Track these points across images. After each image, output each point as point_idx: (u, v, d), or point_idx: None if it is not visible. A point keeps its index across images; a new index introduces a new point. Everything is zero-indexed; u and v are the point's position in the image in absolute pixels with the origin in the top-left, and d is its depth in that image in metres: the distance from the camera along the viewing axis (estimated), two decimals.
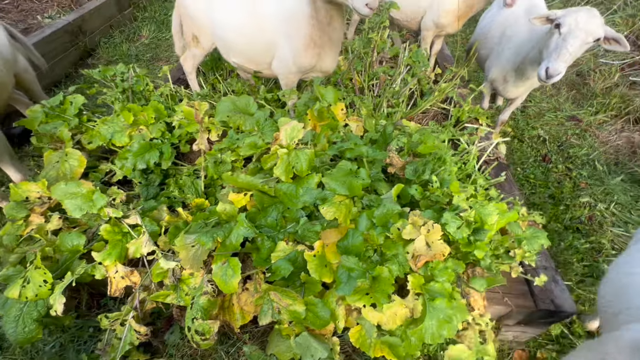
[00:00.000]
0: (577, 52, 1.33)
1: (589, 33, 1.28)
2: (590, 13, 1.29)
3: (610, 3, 3.26)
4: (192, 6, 1.47)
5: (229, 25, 1.41)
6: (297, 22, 1.28)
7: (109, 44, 2.97)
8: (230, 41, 1.46)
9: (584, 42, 1.30)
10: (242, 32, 1.40)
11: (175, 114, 1.44)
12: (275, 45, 1.39)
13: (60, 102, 1.28)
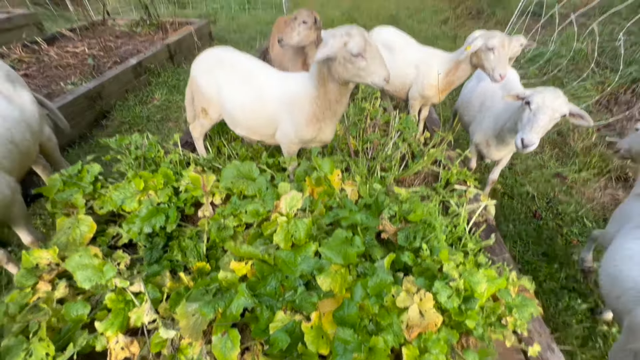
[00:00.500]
0: (547, 126, 1.49)
1: (555, 110, 1.45)
2: (555, 93, 1.48)
3: (581, 71, 3.62)
4: (204, 84, 1.66)
5: (235, 103, 1.58)
6: (300, 104, 1.44)
7: (123, 106, 3.22)
8: (237, 117, 1.63)
9: (552, 118, 1.46)
10: (248, 110, 1.57)
11: (183, 178, 1.55)
12: (278, 121, 1.54)
13: (78, 170, 1.39)
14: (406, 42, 2.16)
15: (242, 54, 1.65)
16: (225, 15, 7.90)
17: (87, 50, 4.15)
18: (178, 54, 4.34)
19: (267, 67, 1.60)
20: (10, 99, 1.47)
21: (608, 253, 1.38)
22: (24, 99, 1.56)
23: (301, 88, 1.43)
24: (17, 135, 1.40)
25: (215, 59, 1.63)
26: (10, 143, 1.36)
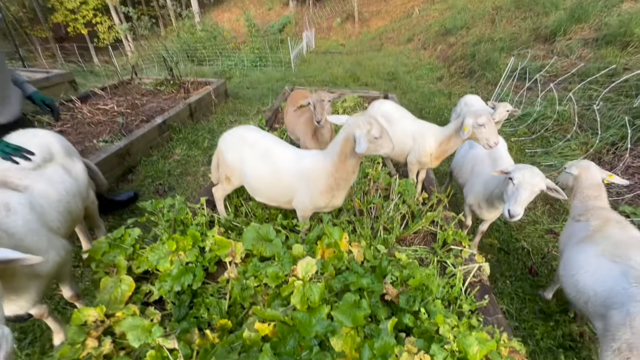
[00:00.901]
0: (529, 198, 1.71)
1: (534, 185, 1.68)
2: (533, 172, 1.72)
3: (565, 132, 3.95)
4: (229, 156, 1.93)
5: (255, 176, 1.84)
6: (315, 177, 1.69)
7: (148, 161, 3.53)
8: (257, 187, 1.88)
9: (532, 192, 1.69)
10: (266, 182, 1.82)
11: (208, 238, 1.75)
12: (294, 191, 1.78)
13: (121, 234, 1.60)
14: (402, 115, 2.48)
15: (263, 133, 1.94)
16: (239, 72, 8.66)
17: (116, 108, 4.59)
18: (197, 112, 4.78)
19: (284, 145, 1.87)
20: (69, 171, 1.73)
21: (562, 266, 1.71)
22: (78, 169, 1.82)
23: (317, 164, 1.68)
24: (72, 204, 1.64)
25: (239, 137, 1.91)
26: (68, 212, 1.59)
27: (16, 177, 1.48)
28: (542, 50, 6.20)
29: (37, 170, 1.59)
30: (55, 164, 1.70)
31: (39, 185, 1.53)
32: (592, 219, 1.69)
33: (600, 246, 1.53)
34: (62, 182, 1.64)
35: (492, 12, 9.31)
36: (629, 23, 4.91)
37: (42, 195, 1.49)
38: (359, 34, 18.59)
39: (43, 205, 1.47)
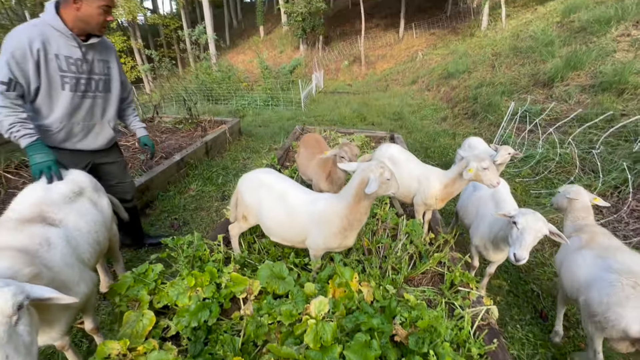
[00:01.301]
0: (533, 243, 1.78)
1: (537, 230, 1.76)
2: (536, 217, 1.80)
3: (568, 174, 4.05)
4: (247, 197, 2.06)
5: (270, 216, 1.95)
6: (329, 220, 1.80)
7: (165, 197, 3.70)
8: (271, 227, 1.98)
9: (536, 237, 1.76)
10: (281, 222, 1.93)
11: (223, 275, 1.84)
12: (307, 232, 1.89)
13: (145, 270, 1.70)
14: (407, 158, 2.63)
15: (279, 176, 2.08)
16: (251, 111, 9.16)
17: (137, 145, 4.88)
18: (213, 149, 5.05)
19: (299, 188, 1.99)
20: (96, 205, 1.88)
21: (564, 269, 2.00)
22: (104, 203, 1.96)
23: (330, 207, 1.80)
24: (100, 235, 1.76)
25: (257, 179, 2.05)
26: (97, 243, 1.71)
27: (52, 211, 1.61)
28: (541, 94, 6.49)
29: (69, 204, 1.72)
30: (84, 198, 1.84)
31: (71, 217, 1.65)
32: (583, 234, 2.00)
33: (595, 250, 1.85)
34: (90, 214, 1.76)
35: (492, 58, 9.87)
36: (622, 72, 5.19)
37: (75, 227, 1.62)
38: (365, 75, 19.60)
39: (76, 238, 1.59)
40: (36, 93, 1.75)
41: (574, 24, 8.27)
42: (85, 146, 2.02)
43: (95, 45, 1.86)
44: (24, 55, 1.63)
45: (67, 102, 1.83)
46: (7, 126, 1.63)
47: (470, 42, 14.52)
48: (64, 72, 1.77)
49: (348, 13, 28.60)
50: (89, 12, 1.71)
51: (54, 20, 1.69)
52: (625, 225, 3.14)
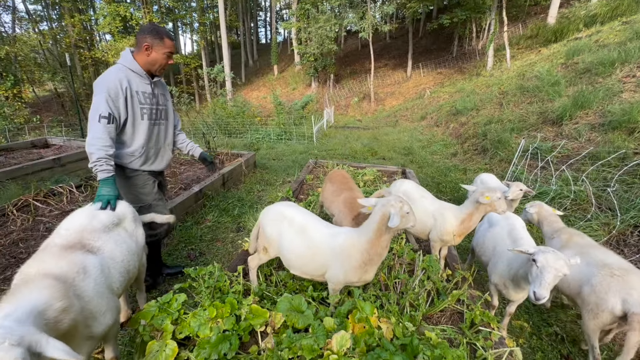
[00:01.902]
0: (553, 282, 1.76)
1: (558, 269, 1.75)
2: (556, 256, 1.80)
3: (585, 211, 4.01)
4: (268, 230, 2.13)
5: (291, 249, 2.00)
6: (349, 254, 1.83)
7: (182, 227, 3.79)
8: (292, 261, 2.03)
9: (556, 276, 1.75)
10: (301, 257, 1.97)
11: (243, 306, 1.86)
12: (327, 266, 1.93)
13: (169, 299, 1.75)
14: (422, 194, 2.69)
15: (300, 209, 2.15)
16: (265, 145, 9.48)
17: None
18: (229, 181, 5.21)
19: (319, 222, 2.05)
20: (132, 234, 1.97)
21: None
22: (139, 233, 2.06)
23: (351, 241, 1.85)
24: (132, 263, 1.83)
25: (279, 212, 2.12)
26: (127, 272, 1.77)
27: (92, 239, 1.70)
28: (550, 132, 6.59)
29: (108, 233, 1.82)
30: (121, 227, 1.95)
31: (108, 246, 1.73)
32: (562, 235, 2.40)
33: (573, 249, 2.19)
34: (126, 243, 1.85)
35: (499, 96, 10.16)
36: (631, 111, 5.28)
37: (110, 256, 1.70)
38: (375, 111, 20.23)
39: (110, 266, 1.66)
40: (124, 124, 2.13)
41: (579, 65, 8.56)
42: (156, 167, 2.42)
43: (157, 82, 2.30)
44: (117, 93, 2.02)
45: (145, 130, 2.23)
46: (94, 159, 1.97)
47: (476, 81, 15.02)
48: (142, 105, 2.18)
49: (358, 54, 30.20)
50: (157, 57, 2.13)
51: (132, 64, 2.11)
52: None
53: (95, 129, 1.96)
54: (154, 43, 2.09)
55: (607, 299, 1.87)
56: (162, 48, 2.11)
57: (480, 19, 20.48)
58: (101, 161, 1.97)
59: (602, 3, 14.34)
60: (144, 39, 2.08)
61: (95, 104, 1.98)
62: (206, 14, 33.96)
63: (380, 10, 20.66)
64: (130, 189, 2.32)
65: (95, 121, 1.96)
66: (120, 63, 2.11)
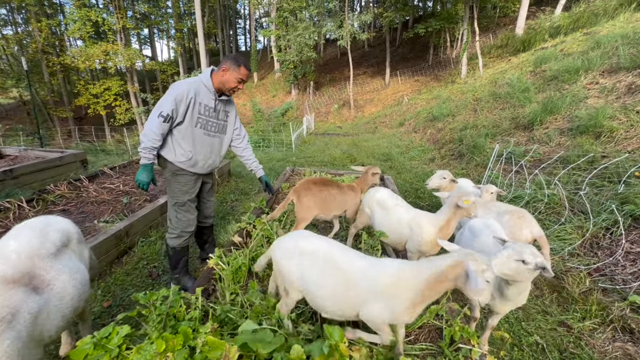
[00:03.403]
0: (509, 264, 1.66)
1: (519, 252, 1.66)
2: (528, 246, 1.70)
3: (558, 215, 4.05)
4: (285, 268, 1.71)
5: (319, 292, 1.63)
6: (401, 289, 1.49)
7: (145, 242, 3.50)
8: (320, 304, 1.67)
9: (516, 258, 1.65)
10: (333, 297, 1.61)
11: (200, 336, 1.64)
12: (367, 304, 1.57)
13: (109, 332, 1.51)
14: (396, 203, 2.56)
15: (321, 239, 1.75)
16: None
17: (121, 187, 4.76)
18: None
19: (349, 252, 1.69)
20: (82, 258, 1.73)
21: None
22: (87, 256, 1.81)
23: (403, 277, 1.52)
24: (82, 299, 1.58)
25: (296, 248, 1.71)
26: (73, 310, 1.50)
27: (43, 269, 1.43)
28: (523, 137, 6.75)
29: (59, 258, 1.56)
30: (70, 250, 1.69)
31: (60, 279, 1.48)
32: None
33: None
34: (80, 273, 1.60)
35: (474, 103, 10.41)
36: (597, 116, 5.47)
37: (59, 296, 1.44)
38: (354, 118, 20.37)
39: (51, 311, 1.39)
40: (179, 124, 2.36)
41: (546, 73, 8.90)
42: (198, 171, 2.59)
43: (225, 100, 2.55)
44: (181, 100, 2.29)
45: (197, 136, 2.45)
46: (143, 146, 2.28)
47: (452, 88, 15.43)
48: (200, 115, 2.41)
49: (337, 61, 30.54)
50: (229, 78, 2.41)
51: (207, 81, 2.41)
52: (622, 268, 3.07)
53: (153, 123, 2.24)
54: (231, 67, 2.37)
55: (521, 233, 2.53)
56: (236, 73, 2.39)
57: (454, 29, 21.22)
58: (146, 150, 2.27)
59: (565, 15, 15.17)
60: (225, 63, 2.39)
61: (163, 101, 2.27)
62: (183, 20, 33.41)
63: (358, 19, 20.98)
64: (173, 183, 2.53)
65: (155, 115, 2.24)
66: (199, 76, 2.43)
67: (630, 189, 3.72)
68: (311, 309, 2.07)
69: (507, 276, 1.71)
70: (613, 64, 7.02)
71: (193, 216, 2.68)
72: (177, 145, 2.42)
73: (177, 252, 2.73)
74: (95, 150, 10.10)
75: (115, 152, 9.69)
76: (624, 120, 5.22)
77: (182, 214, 2.62)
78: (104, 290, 2.77)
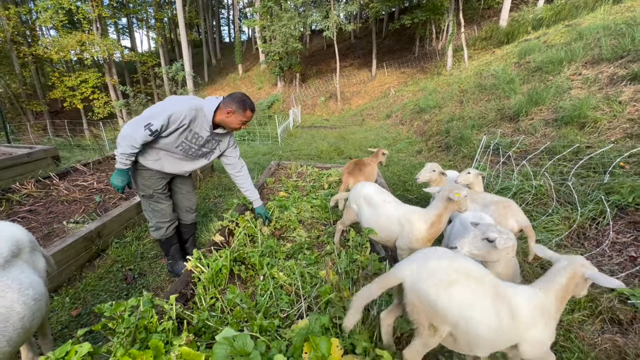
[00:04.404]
0: (475, 243, 1.69)
1: (483, 232, 1.69)
2: (497, 227, 1.71)
3: (545, 206, 4.04)
4: (439, 301, 1.34)
5: (480, 327, 1.33)
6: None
7: (120, 244, 3.28)
8: (478, 341, 1.36)
9: (480, 236, 1.68)
10: (496, 329, 1.35)
11: (173, 349, 1.49)
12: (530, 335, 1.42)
13: (66, 352, 1.33)
14: (384, 199, 2.44)
15: (465, 260, 1.48)
16: None
17: (95, 184, 4.48)
18: None
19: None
20: (36, 269, 1.53)
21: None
22: (41, 266, 1.61)
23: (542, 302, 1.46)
24: (35, 317, 1.39)
25: (452, 270, 1.40)
26: (24, 331, 1.32)
27: None
28: (509, 128, 6.77)
29: (6, 271, 1.36)
30: (22, 260, 1.50)
31: (8, 297, 1.29)
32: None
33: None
34: (32, 287, 1.41)
35: (460, 95, 10.42)
36: (581, 107, 5.51)
37: (2, 317, 1.26)
38: (341, 111, 20.20)
39: None
40: (159, 136, 2.23)
41: (530, 64, 8.96)
42: (167, 170, 2.48)
43: (219, 134, 2.44)
44: (175, 121, 2.16)
45: (173, 154, 2.38)
46: (120, 151, 2.15)
47: (438, 80, 15.44)
48: (185, 141, 2.30)
49: (323, 53, 30.13)
50: (233, 121, 2.32)
51: (209, 113, 2.27)
52: (609, 259, 3.07)
53: (138, 131, 2.10)
54: (237, 110, 2.27)
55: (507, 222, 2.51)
56: (241, 117, 2.29)
57: (439, 20, 21.20)
58: (124, 156, 2.16)
59: (547, 7, 15.34)
60: (231, 105, 2.26)
61: (155, 113, 2.12)
62: (163, 9, 32.19)
63: (344, 9, 20.65)
64: (137, 177, 2.43)
65: (142, 124, 2.09)
66: (202, 103, 2.29)
67: (615, 179, 3.74)
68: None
69: (477, 256, 1.71)
70: (595, 55, 7.09)
71: (165, 205, 2.59)
72: (150, 151, 2.33)
73: (164, 242, 2.73)
74: (70, 145, 9.59)
75: (92, 147, 9.22)
76: (607, 110, 5.26)
77: (154, 205, 2.56)
78: (73, 297, 2.56)
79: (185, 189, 2.78)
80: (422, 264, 1.44)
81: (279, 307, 2.04)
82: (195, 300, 2.12)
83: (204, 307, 2.00)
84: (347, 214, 2.73)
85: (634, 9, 8.98)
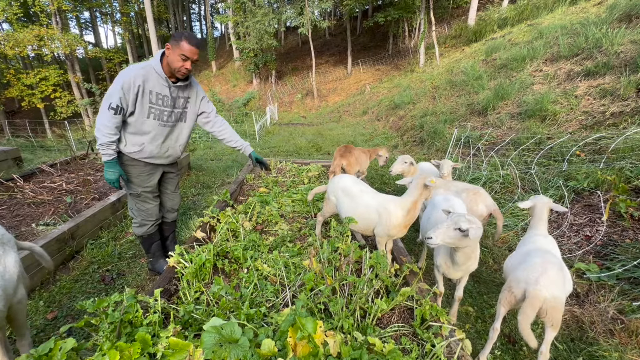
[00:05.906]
0: (448, 231, 1.88)
1: (455, 222, 1.88)
2: (468, 216, 1.88)
3: (512, 194, 4.32)
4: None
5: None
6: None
7: (95, 244, 3.18)
8: None
9: (454, 226, 1.87)
10: None
11: (161, 341, 1.50)
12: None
13: (50, 349, 1.31)
14: (361, 189, 2.54)
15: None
16: (202, 145, 8.76)
17: (65, 186, 4.27)
18: None
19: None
20: (1, 263, 1.48)
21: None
22: (10, 261, 1.56)
23: None
24: None
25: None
26: None
27: None
28: (478, 122, 7.12)
29: None
30: None
31: None
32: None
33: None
34: None
35: (432, 91, 10.79)
36: (542, 101, 5.90)
37: None
38: (318, 108, 20.26)
39: None
40: (131, 115, 2.20)
41: (496, 61, 9.44)
42: (160, 162, 2.48)
43: (182, 86, 2.33)
44: (129, 88, 2.10)
45: (151, 128, 2.28)
46: (99, 143, 2.14)
47: (411, 77, 15.87)
48: (152, 104, 2.21)
49: (299, 50, 30.02)
50: (173, 58, 2.15)
51: (157, 65, 2.18)
52: (567, 239, 3.35)
53: (104, 117, 2.09)
54: (173, 46, 2.14)
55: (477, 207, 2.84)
56: (177, 49, 2.12)
57: (411, 18, 21.72)
58: (104, 146, 2.14)
59: (511, 7, 16.15)
60: (169, 42, 2.16)
61: (110, 91, 2.10)
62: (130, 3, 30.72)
63: (319, 6, 20.68)
64: (126, 174, 2.37)
65: (105, 109, 2.09)
66: (149, 61, 2.21)
67: (572, 167, 4.07)
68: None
69: (450, 244, 1.94)
70: (554, 52, 7.59)
71: (152, 205, 2.56)
72: (128, 135, 2.27)
73: (145, 239, 2.69)
74: (32, 146, 9.02)
75: (57, 148, 8.72)
76: (565, 104, 5.68)
77: (141, 204, 2.52)
78: (48, 301, 2.47)
79: (170, 189, 2.75)
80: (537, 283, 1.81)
81: (265, 296, 2.08)
82: (179, 295, 2.12)
83: (189, 300, 2.01)
84: (327, 206, 2.81)
85: (587, 10, 9.67)
